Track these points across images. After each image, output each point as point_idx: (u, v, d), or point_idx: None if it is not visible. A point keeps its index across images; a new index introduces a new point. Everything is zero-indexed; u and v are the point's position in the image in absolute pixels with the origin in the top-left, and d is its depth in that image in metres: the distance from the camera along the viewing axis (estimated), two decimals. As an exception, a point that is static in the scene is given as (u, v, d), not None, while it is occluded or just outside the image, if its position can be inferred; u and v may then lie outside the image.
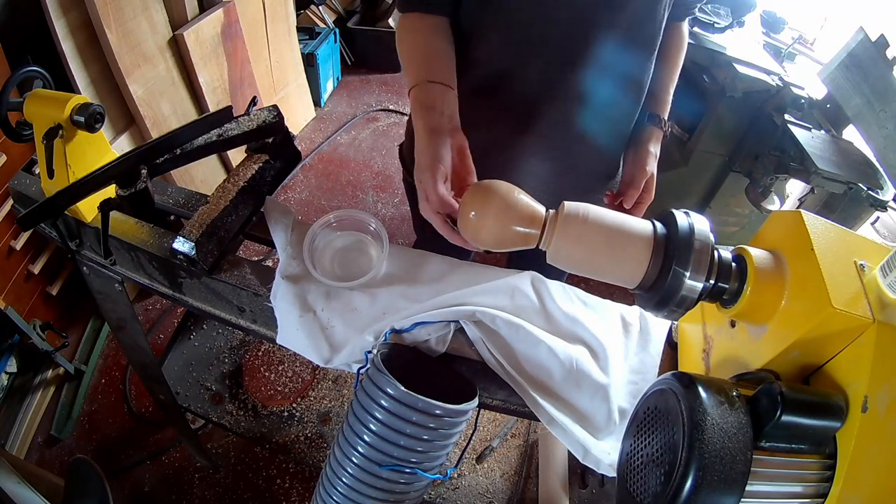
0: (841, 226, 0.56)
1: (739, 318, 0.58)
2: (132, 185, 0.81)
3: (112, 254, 0.85)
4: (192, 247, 0.73)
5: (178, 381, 1.36)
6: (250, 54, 2.32)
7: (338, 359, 0.72)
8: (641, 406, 0.54)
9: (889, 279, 0.49)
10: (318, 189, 2.58)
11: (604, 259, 0.58)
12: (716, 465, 0.43)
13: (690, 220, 0.56)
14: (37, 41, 1.49)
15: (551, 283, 0.80)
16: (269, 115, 0.87)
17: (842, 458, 0.48)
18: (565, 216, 0.58)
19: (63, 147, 0.75)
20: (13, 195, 0.93)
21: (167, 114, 1.92)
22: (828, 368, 0.52)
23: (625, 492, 0.52)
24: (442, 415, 0.63)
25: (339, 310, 0.74)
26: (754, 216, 2.13)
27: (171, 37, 1.90)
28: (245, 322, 0.83)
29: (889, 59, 1.64)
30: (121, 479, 1.53)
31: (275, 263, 0.79)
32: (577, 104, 0.83)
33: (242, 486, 1.55)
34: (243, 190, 0.81)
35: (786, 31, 2.33)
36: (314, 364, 0.77)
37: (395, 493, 0.67)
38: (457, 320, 0.72)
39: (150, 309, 1.97)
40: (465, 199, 0.63)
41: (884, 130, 1.65)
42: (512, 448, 1.60)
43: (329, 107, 3.10)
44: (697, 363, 0.68)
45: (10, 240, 1.47)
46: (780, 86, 1.80)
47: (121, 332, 1.05)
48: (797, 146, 1.66)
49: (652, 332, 0.80)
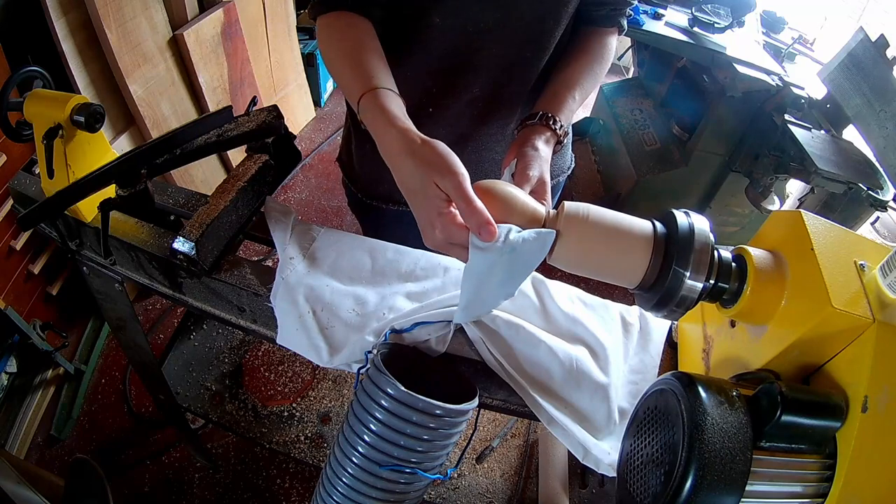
0: (841, 226, 0.56)
1: (739, 318, 0.58)
2: (132, 185, 0.81)
3: (112, 254, 0.85)
4: (192, 247, 0.73)
5: (178, 381, 1.36)
6: (250, 54, 2.32)
7: (338, 359, 0.72)
8: (641, 406, 0.54)
9: (889, 279, 0.49)
10: (318, 189, 2.58)
11: (604, 259, 0.58)
12: (716, 465, 0.43)
13: (690, 219, 0.56)
14: (37, 41, 1.49)
15: (551, 283, 0.80)
16: (269, 115, 0.87)
17: (842, 458, 0.48)
18: (566, 216, 0.58)
19: (63, 147, 0.75)
20: (13, 195, 0.93)
21: (167, 114, 1.92)
22: (828, 368, 0.52)
23: (625, 492, 0.52)
24: (442, 415, 0.63)
25: (339, 310, 0.74)
26: (754, 216, 2.13)
27: (171, 37, 1.90)
28: (245, 322, 0.83)
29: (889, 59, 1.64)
30: (121, 479, 1.53)
31: (275, 263, 0.79)
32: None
33: (242, 486, 1.55)
34: (243, 190, 0.81)
35: (786, 31, 2.33)
36: (314, 364, 0.77)
37: (395, 494, 0.67)
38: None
39: (150, 309, 1.97)
40: None
41: (884, 130, 1.65)
42: (512, 448, 1.60)
43: (329, 107, 3.10)
44: (697, 363, 0.68)
45: (10, 240, 1.47)
46: (780, 86, 1.80)
47: (121, 332, 1.05)
48: (797, 146, 1.66)
49: (652, 332, 0.80)
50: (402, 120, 0.60)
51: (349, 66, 0.68)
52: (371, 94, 0.62)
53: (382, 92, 0.62)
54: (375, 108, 0.62)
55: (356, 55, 0.68)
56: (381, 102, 0.61)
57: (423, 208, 0.55)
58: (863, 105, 1.71)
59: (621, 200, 2.17)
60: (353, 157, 0.99)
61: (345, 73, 0.68)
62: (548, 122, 0.73)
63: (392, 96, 0.63)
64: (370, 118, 0.62)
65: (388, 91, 0.63)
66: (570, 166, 1.08)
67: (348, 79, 0.67)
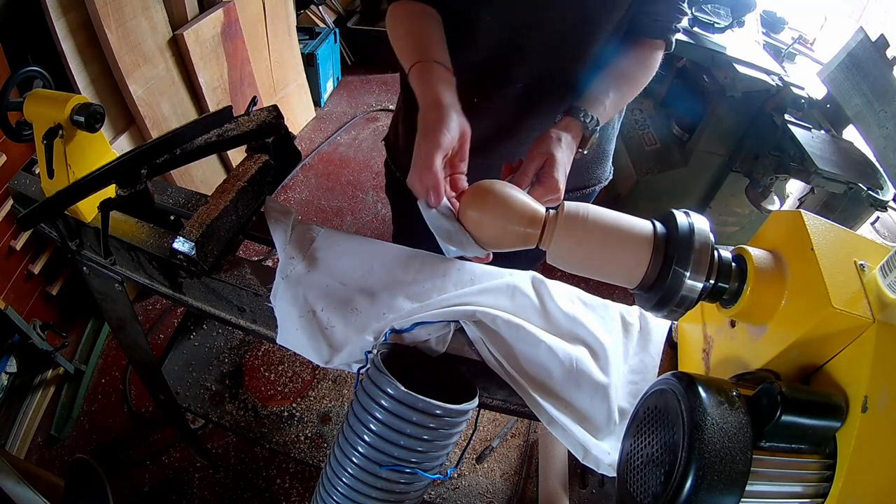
0: (841, 226, 0.56)
1: (739, 318, 0.58)
2: (132, 185, 0.81)
3: (112, 254, 0.85)
4: (192, 247, 0.73)
5: (178, 381, 1.36)
6: (250, 54, 2.32)
7: (338, 359, 0.72)
8: (641, 406, 0.54)
9: (889, 279, 0.49)
10: (318, 189, 2.58)
11: (604, 259, 0.58)
12: (716, 465, 0.43)
13: (690, 219, 0.56)
14: (37, 41, 1.49)
15: (551, 283, 0.80)
16: (269, 115, 0.87)
17: (842, 458, 0.48)
18: (565, 216, 0.58)
19: (63, 147, 0.75)
20: (13, 195, 0.93)
21: (167, 114, 1.92)
22: (828, 368, 0.52)
23: (625, 492, 0.52)
24: (442, 415, 0.63)
25: (339, 310, 0.74)
26: (754, 216, 2.13)
27: (171, 37, 1.90)
28: (245, 322, 0.83)
29: (889, 59, 1.64)
30: (121, 479, 1.53)
31: (275, 263, 0.79)
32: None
33: (242, 486, 1.55)
34: (243, 190, 0.81)
35: (786, 31, 2.33)
36: (314, 364, 0.77)
37: (395, 494, 0.67)
38: (457, 320, 0.72)
39: (150, 309, 1.97)
40: (464, 199, 0.64)
41: (884, 130, 1.65)
42: (512, 448, 1.60)
43: (329, 107, 3.10)
44: (697, 363, 0.68)
45: (10, 240, 1.47)
46: (780, 86, 1.80)
47: (121, 332, 1.05)
48: (797, 146, 1.66)
49: (652, 332, 0.80)
50: (439, 88, 0.68)
51: (411, 41, 0.76)
52: (421, 65, 0.71)
53: (433, 65, 0.71)
54: (422, 75, 0.70)
55: (419, 33, 0.77)
56: (428, 71, 0.70)
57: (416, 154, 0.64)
58: (863, 105, 1.71)
59: (621, 200, 2.17)
60: (399, 135, 1.05)
61: (406, 47, 0.76)
62: (577, 115, 0.76)
63: (439, 69, 0.70)
64: (416, 84, 0.70)
65: (438, 65, 0.71)
66: (608, 178, 1.10)
67: (409, 51, 0.75)
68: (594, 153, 0.97)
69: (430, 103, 0.66)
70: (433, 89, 0.68)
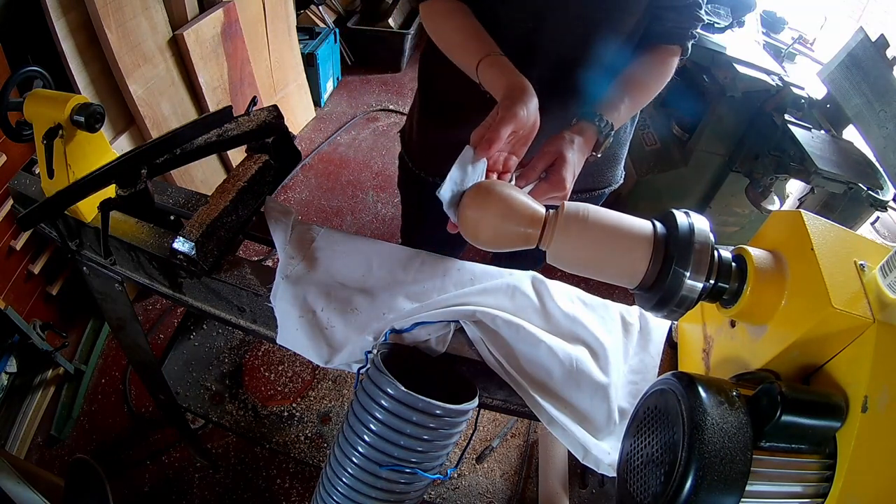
0: (841, 226, 0.56)
1: (739, 318, 0.58)
2: (132, 185, 0.81)
3: (112, 254, 0.85)
4: (192, 247, 0.73)
5: (178, 381, 1.36)
6: (250, 54, 2.32)
7: (338, 359, 0.72)
8: (641, 406, 0.54)
9: (889, 279, 0.49)
10: (318, 189, 2.58)
11: (604, 259, 0.58)
12: (716, 465, 0.43)
13: (690, 219, 0.56)
14: (37, 41, 1.49)
15: (551, 283, 0.80)
16: (269, 115, 0.87)
17: (842, 458, 0.48)
18: (566, 216, 0.58)
19: (63, 147, 0.75)
20: (13, 195, 0.93)
21: (167, 114, 1.92)
22: (828, 368, 0.52)
23: (625, 492, 0.52)
24: (442, 415, 0.63)
25: (339, 310, 0.74)
26: (754, 216, 2.13)
27: (171, 37, 1.90)
28: (245, 322, 0.83)
29: (889, 59, 1.64)
30: (121, 479, 1.53)
31: (275, 263, 0.79)
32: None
33: (242, 486, 1.55)
34: (243, 190, 0.81)
35: (786, 31, 2.33)
36: (314, 364, 0.77)
37: (395, 494, 0.67)
38: (457, 320, 0.72)
39: (150, 309, 1.97)
40: (464, 199, 0.64)
41: (884, 130, 1.65)
42: (512, 448, 1.60)
43: (329, 107, 3.10)
44: (697, 363, 0.68)
45: (10, 240, 1.47)
46: (780, 86, 1.80)
47: (121, 332, 1.05)
48: (797, 146, 1.66)
49: (652, 332, 0.80)
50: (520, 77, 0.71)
51: (466, 36, 0.79)
52: (492, 58, 0.74)
53: (502, 57, 0.74)
54: (497, 66, 0.73)
55: (472, 28, 0.79)
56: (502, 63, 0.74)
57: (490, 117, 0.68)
58: (863, 105, 1.71)
59: (621, 200, 2.17)
60: (415, 127, 1.05)
61: (463, 41, 0.79)
62: (592, 119, 0.77)
63: (508, 61, 0.74)
64: (493, 75, 0.73)
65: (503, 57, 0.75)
66: (619, 181, 1.11)
67: (470, 45, 0.77)
68: (606, 156, 0.98)
69: (516, 86, 0.69)
70: (515, 77, 0.71)
